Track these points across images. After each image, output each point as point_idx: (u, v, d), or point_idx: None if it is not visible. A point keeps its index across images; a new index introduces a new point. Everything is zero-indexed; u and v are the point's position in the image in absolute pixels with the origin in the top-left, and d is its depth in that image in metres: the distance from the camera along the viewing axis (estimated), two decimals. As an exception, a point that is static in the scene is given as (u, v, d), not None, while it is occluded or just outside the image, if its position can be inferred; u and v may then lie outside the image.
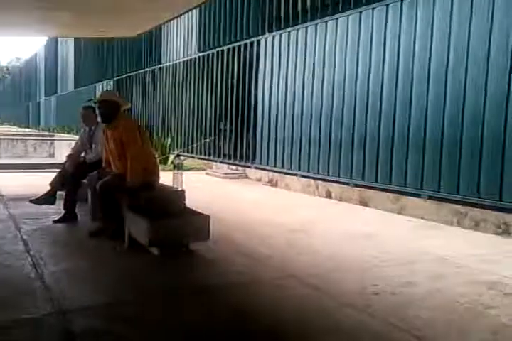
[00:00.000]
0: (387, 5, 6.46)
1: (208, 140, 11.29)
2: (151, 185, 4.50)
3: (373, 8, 6.71)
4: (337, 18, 7.37)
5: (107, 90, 5.03)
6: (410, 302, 3.07)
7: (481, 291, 3.27)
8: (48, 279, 3.31)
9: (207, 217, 4.10)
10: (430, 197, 5.81)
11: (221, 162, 10.76)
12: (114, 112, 4.52)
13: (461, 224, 5.42)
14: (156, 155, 5.87)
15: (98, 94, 4.83)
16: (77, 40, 23.19)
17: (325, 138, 7.57)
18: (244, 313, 2.89)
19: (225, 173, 9.91)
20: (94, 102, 4.86)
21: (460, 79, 5.49)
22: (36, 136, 19.07)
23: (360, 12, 6.92)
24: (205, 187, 8.37)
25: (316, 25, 7.82)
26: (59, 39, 26.37)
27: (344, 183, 7.17)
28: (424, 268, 3.81)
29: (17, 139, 15.88)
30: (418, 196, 5.96)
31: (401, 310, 2.92)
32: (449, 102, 5.62)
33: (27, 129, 31.39)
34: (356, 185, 6.94)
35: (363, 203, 6.77)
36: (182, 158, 10.09)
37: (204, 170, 10.84)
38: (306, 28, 8.05)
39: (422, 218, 5.84)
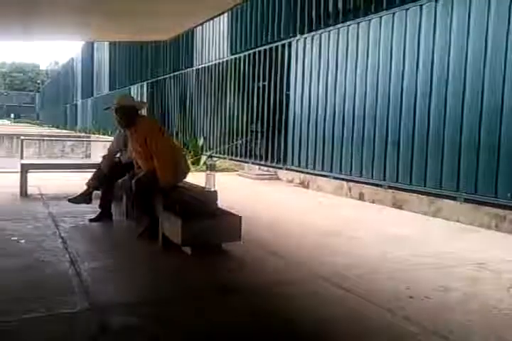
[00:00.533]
0: (421, 5, 6.36)
1: (239, 141, 11.35)
2: (183, 179, 4.56)
3: (407, 9, 6.61)
4: (369, 20, 7.30)
5: (122, 94, 5.03)
6: (445, 306, 3.01)
7: (520, 297, 3.18)
8: (85, 276, 3.40)
9: (239, 218, 4.13)
10: (466, 200, 5.67)
11: (253, 163, 10.80)
12: (133, 116, 4.55)
13: (499, 228, 5.27)
14: (183, 151, 5.89)
15: (115, 99, 4.78)
16: (112, 44, 23.73)
17: (358, 139, 7.50)
18: (277, 315, 2.89)
19: (257, 174, 9.94)
20: (108, 108, 4.77)
21: (498, 78, 5.35)
22: (73, 137, 19.59)
23: (394, 13, 6.83)
24: (237, 188, 8.41)
25: (348, 26, 7.76)
26: (95, 43, 27.05)
27: (377, 185, 7.08)
28: (460, 272, 3.72)
29: (56, 140, 16.35)
30: (454, 199, 5.83)
31: (436, 314, 2.86)
32: (486, 101, 5.48)
33: (65, 131, 32.31)
34: (390, 187, 6.84)
35: (397, 206, 6.67)
36: (214, 159, 10.18)
37: (236, 171, 10.90)
38: (338, 29, 7.99)
39: (457, 221, 5.71)
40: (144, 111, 4.72)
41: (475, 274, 3.68)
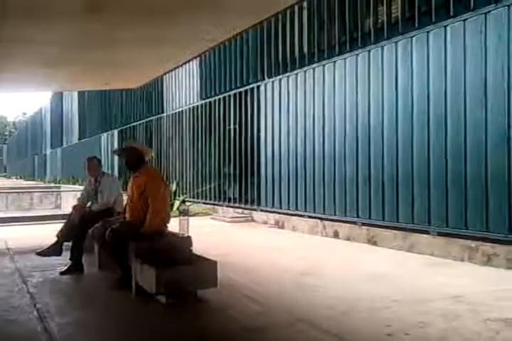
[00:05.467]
0: (383, 47, 6.67)
1: (211, 185, 11.34)
2: (161, 232, 4.51)
3: (369, 51, 6.91)
4: (334, 61, 7.60)
5: (129, 141, 5.62)
6: (427, 343, 2.98)
7: (498, 329, 3.18)
8: (55, 333, 3.25)
9: (214, 263, 4.05)
10: (439, 234, 5.75)
11: (227, 206, 10.75)
12: (138, 160, 4.70)
13: (472, 260, 5.33)
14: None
15: (125, 143, 5.34)
16: (80, 93, 23.87)
17: (329, 177, 7.60)
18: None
19: (231, 217, 9.88)
20: (118, 153, 5.50)
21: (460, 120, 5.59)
22: (42, 188, 19.20)
23: (357, 54, 7.12)
24: (211, 232, 8.32)
25: (314, 69, 8.05)
26: (63, 93, 27.16)
27: (351, 222, 7.12)
28: (437, 306, 3.72)
29: (23, 192, 15.97)
30: (427, 232, 5.90)
31: (418, 352, 2.83)
32: (451, 137, 5.70)
33: (33, 182, 31.63)
34: (363, 224, 6.89)
35: (372, 242, 6.70)
36: (187, 203, 10.10)
37: (210, 214, 10.81)
38: (305, 72, 8.28)
39: (432, 255, 5.75)
40: (148, 158, 4.97)
41: (453, 308, 3.67)
